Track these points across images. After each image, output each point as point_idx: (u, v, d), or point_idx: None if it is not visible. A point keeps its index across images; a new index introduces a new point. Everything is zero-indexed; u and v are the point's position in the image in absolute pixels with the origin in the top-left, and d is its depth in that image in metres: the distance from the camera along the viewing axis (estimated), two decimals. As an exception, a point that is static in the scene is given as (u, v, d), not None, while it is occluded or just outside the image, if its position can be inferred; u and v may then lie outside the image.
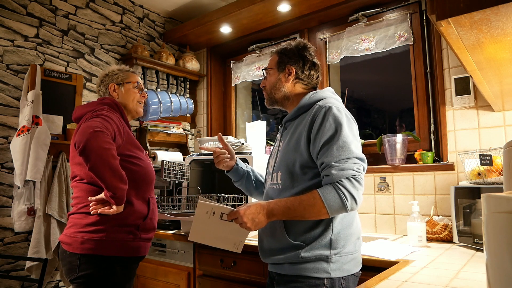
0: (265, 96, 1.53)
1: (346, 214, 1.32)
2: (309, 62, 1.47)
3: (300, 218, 1.28)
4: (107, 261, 1.53)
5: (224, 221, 1.33)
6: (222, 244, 1.42)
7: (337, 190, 1.21)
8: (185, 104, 3.13)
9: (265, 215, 1.28)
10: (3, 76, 2.32)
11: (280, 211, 1.27)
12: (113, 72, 1.82)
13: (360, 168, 1.26)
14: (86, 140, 1.41)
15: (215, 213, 1.33)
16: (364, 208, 2.25)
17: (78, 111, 1.70)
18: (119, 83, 1.79)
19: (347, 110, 1.37)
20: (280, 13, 2.66)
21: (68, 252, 1.53)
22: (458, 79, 2.02)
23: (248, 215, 1.27)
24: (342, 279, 1.29)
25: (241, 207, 1.30)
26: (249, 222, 1.27)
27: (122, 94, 1.79)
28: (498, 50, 0.96)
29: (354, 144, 1.27)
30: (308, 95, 1.42)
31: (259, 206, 1.29)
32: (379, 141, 2.28)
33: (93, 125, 1.47)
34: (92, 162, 1.42)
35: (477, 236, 1.63)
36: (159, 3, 3.13)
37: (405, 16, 2.33)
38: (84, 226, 1.53)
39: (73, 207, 1.64)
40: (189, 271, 2.18)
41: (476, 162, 1.70)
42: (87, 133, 1.43)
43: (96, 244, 1.51)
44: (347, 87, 2.55)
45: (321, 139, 1.27)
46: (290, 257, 1.30)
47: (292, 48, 1.47)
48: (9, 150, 2.26)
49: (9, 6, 2.37)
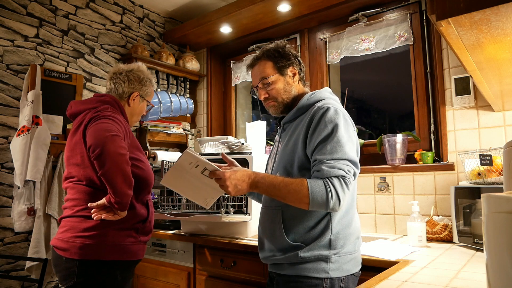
0: (274, 105, 1.45)
1: (345, 214, 1.32)
2: (298, 58, 1.48)
3: (281, 199, 1.27)
4: (107, 265, 1.48)
5: (204, 176, 1.32)
6: (192, 196, 1.41)
7: (326, 186, 1.20)
8: (185, 104, 3.13)
9: (248, 184, 1.27)
10: (3, 76, 2.32)
11: (265, 187, 1.27)
12: (144, 81, 1.75)
13: (351, 171, 1.24)
14: (103, 145, 1.37)
15: (198, 166, 1.31)
16: (364, 208, 2.25)
17: (74, 107, 1.64)
18: (142, 96, 1.76)
19: (346, 112, 1.36)
20: (280, 13, 2.66)
21: (65, 258, 1.46)
22: (458, 79, 2.02)
23: (232, 179, 1.26)
24: (342, 279, 1.29)
25: (227, 170, 1.28)
26: (231, 187, 1.26)
27: (137, 106, 1.75)
28: (498, 50, 0.96)
29: (349, 146, 1.26)
30: (307, 96, 1.41)
31: (245, 174, 1.28)
32: (379, 141, 2.28)
33: (108, 128, 1.42)
34: (106, 168, 1.38)
35: (477, 236, 1.63)
36: (159, 3, 3.13)
37: (405, 16, 2.33)
38: (82, 231, 1.46)
39: (67, 209, 1.56)
40: (189, 271, 2.18)
41: (476, 162, 1.70)
42: (103, 136, 1.39)
43: (95, 249, 1.45)
44: (347, 87, 2.55)
45: (317, 139, 1.27)
46: (290, 258, 1.30)
47: (279, 49, 1.44)
48: (9, 150, 2.26)
49: (9, 6, 2.37)
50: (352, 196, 1.36)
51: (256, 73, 1.46)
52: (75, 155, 1.55)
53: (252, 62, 1.49)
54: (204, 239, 2.10)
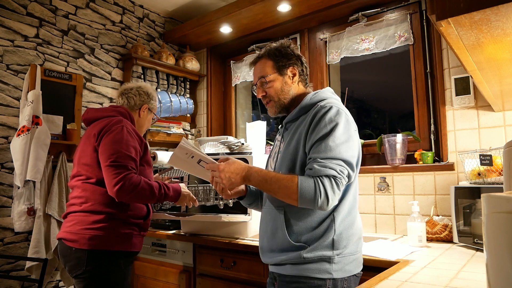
0: (271, 105, 1.45)
1: (348, 214, 1.32)
2: (301, 58, 1.46)
3: (272, 194, 1.30)
4: (113, 255, 1.65)
5: (201, 166, 1.40)
6: (199, 175, 1.48)
7: (316, 184, 1.20)
8: (185, 104, 3.13)
9: (242, 177, 1.31)
10: (3, 76, 2.32)
11: (257, 181, 1.30)
12: (152, 96, 1.98)
13: (344, 172, 1.23)
14: (118, 190, 1.57)
15: (194, 157, 1.39)
16: (364, 208, 2.25)
17: (90, 114, 1.83)
18: (150, 109, 1.98)
19: (348, 112, 1.36)
20: (280, 13, 2.66)
21: (74, 249, 1.61)
22: (458, 79, 2.02)
23: (226, 172, 1.30)
24: (344, 280, 1.28)
25: (222, 162, 1.32)
26: (225, 180, 1.30)
27: (145, 118, 1.97)
28: (498, 50, 0.96)
29: (346, 147, 1.25)
30: (310, 96, 1.40)
31: (239, 167, 1.31)
32: (379, 141, 2.28)
33: (124, 163, 1.62)
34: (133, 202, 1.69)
35: (477, 236, 1.63)
36: (159, 3, 3.13)
37: (405, 16, 2.33)
38: (91, 223, 1.62)
39: (74, 206, 1.69)
40: (189, 271, 2.18)
41: (476, 162, 1.70)
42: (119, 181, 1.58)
43: (103, 240, 1.61)
44: (347, 87, 2.55)
45: (315, 137, 1.27)
46: (292, 258, 1.30)
47: (281, 49, 1.44)
48: (9, 150, 2.26)
49: (9, 6, 2.37)
50: (354, 196, 1.35)
51: (256, 71, 1.48)
52: (86, 155, 1.71)
53: (254, 60, 1.51)
54: (204, 239, 2.10)
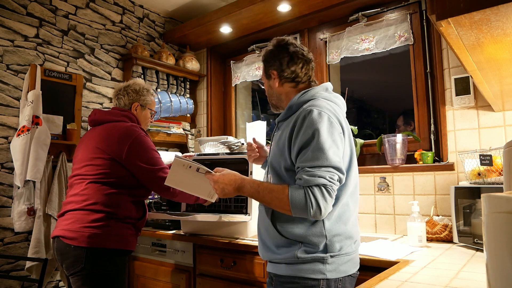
0: (271, 105, 1.56)
1: (342, 214, 1.31)
2: (286, 59, 1.41)
3: (266, 205, 1.33)
4: (109, 253, 1.68)
5: (200, 174, 1.45)
6: (197, 192, 1.56)
7: (306, 195, 1.19)
8: (185, 104, 3.13)
9: (235, 188, 1.34)
10: (3, 76, 2.32)
11: (250, 192, 1.33)
12: (141, 92, 1.94)
13: (334, 177, 1.21)
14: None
15: (192, 167, 1.46)
16: (364, 208, 2.25)
17: (98, 115, 1.85)
18: (143, 105, 1.95)
19: (336, 112, 1.31)
20: (280, 13, 2.66)
21: (73, 246, 1.63)
22: (458, 79, 2.02)
23: (220, 183, 1.35)
24: (339, 280, 1.28)
25: (217, 173, 1.37)
26: (219, 190, 1.36)
27: (140, 116, 1.94)
28: (498, 50, 0.96)
29: (332, 151, 1.22)
30: (297, 96, 1.37)
31: (232, 179, 1.35)
32: (379, 141, 2.28)
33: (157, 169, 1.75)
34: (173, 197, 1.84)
35: (477, 236, 1.63)
36: (159, 3, 3.13)
37: (405, 16, 2.33)
38: (90, 222, 1.65)
39: (73, 204, 1.71)
40: (189, 271, 2.18)
41: (476, 162, 1.70)
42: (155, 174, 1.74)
43: (102, 238, 1.65)
44: (347, 87, 2.55)
45: (299, 144, 1.25)
46: (287, 257, 1.30)
47: (270, 50, 1.47)
48: (9, 150, 2.26)
49: (9, 6, 2.37)
50: (349, 196, 1.33)
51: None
52: (89, 155, 1.75)
53: None
54: (204, 239, 2.10)
